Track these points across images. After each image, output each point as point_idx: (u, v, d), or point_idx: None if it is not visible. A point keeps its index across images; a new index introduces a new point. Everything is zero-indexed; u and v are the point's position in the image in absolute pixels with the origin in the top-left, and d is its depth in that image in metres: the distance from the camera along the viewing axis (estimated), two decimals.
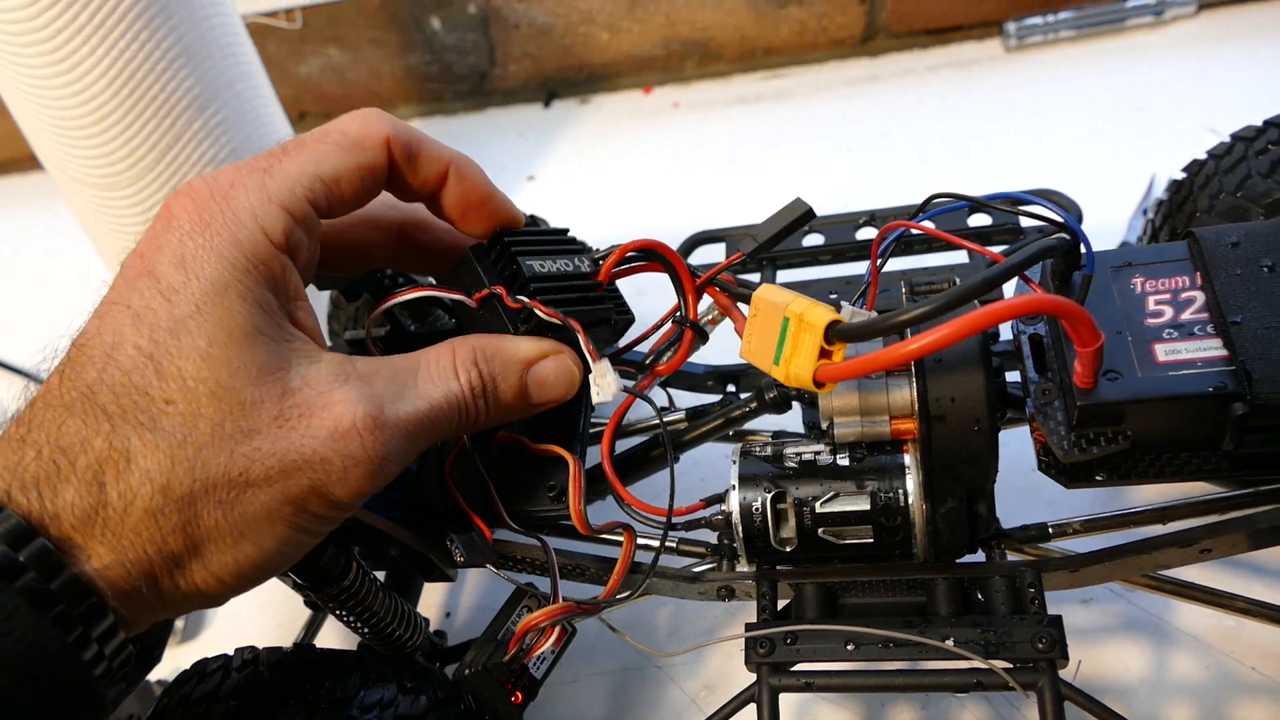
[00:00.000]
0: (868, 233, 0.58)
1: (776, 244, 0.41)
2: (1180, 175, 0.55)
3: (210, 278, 0.31)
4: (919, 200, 0.61)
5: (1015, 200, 0.49)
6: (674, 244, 0.57)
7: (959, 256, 0.55)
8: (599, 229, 0.89)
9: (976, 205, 0.41)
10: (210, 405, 0.30)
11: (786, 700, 0.43)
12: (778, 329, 0.35)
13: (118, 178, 0.69)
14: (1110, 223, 0.73)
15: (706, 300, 0.42)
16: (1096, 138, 0.84)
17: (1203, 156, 0.54)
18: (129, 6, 0.65)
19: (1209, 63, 0.88)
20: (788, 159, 0.93)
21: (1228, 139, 0.53)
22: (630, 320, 0.43)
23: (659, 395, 0.48)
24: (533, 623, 0.43)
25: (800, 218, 0.40)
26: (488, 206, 0.39)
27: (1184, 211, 0.53)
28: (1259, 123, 0.52)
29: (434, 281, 0.45)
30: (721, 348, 0.57)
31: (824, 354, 0.34)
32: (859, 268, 0.57)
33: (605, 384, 0.39)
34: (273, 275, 0.32)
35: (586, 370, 0.40)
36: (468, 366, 0.36)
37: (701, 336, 0.43)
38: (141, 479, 0.29)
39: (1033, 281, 0.38)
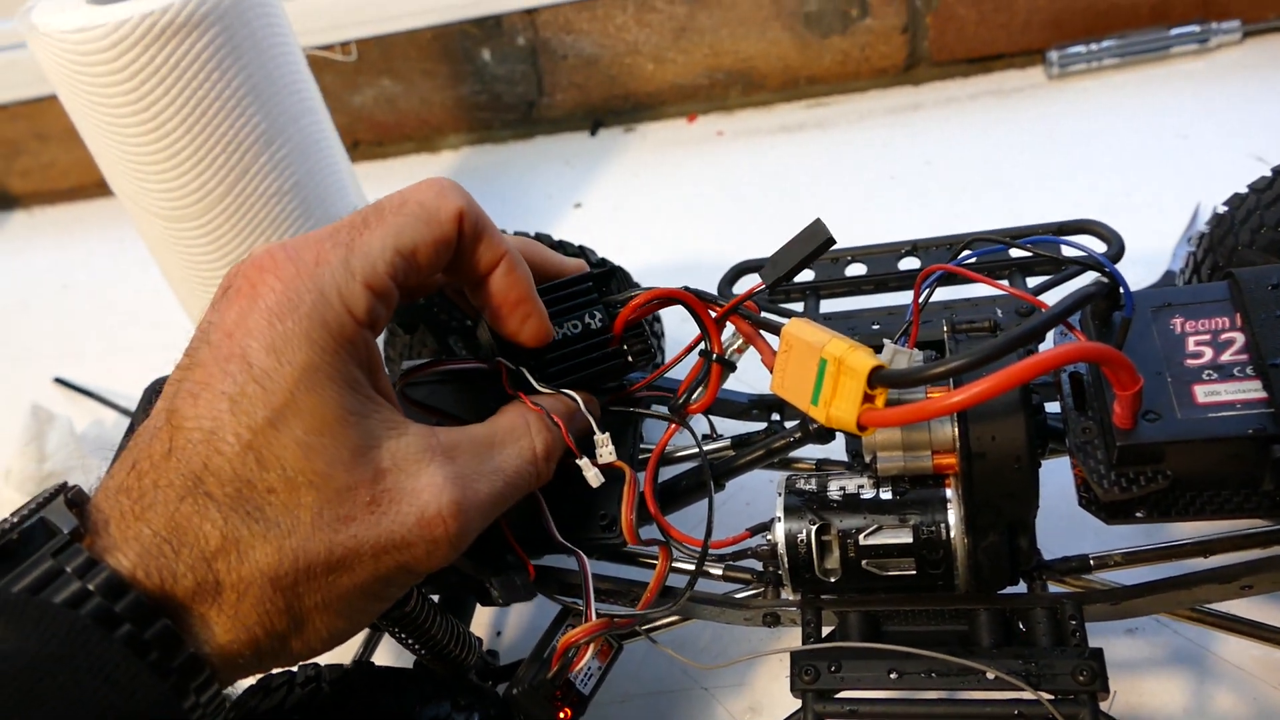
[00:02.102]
0: (910, 262, 0.59)
1: (798, 272, 0.41)
2: (1222, 208, 0.56)
3: (302, 363, 0.32)
4: (962, 228, 0.62)
5: (1053, 241, 0.50)
6: (718, 271, 0.59)
7: (1001, 283, 0.56)
8: (645, 255, 0.91)
9: (1013, 247, 0.42)
10: (309, 494, 0.32)
11: None
12: (813, 368, 0.36)
13: (188, 210, 0.72)
14: (1155, 250, 0.74)
15: (731, 328, 0.43)
16: (1141, 165, 0.84)
17: (1244, 189, 0.55)
18: (202, 48, 0.68)
19: (1255, 90, 0.88)
20: (830, 187, 0.94)
21: (1269, 172, 0.54)
22: (651, 358, 0.45)
23: (701, 423, 0.50)
24: (572, 639, 0.44)
25: (820, 245, 0.40)
26: (522, 308, 0.40)
27: (1225, 246, 0.54)
28: None
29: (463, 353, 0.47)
30: (764, 374, 0.58)
31: (866, 398, 0.35)
32: (902, 297, 0.58)
33: (605, 454, 0.43)
34: (358, 352, 0.34)
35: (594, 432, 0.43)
36: (541, 432, 0.39)
37: (729, 368, 0.44)
38: (253, 569, 0.31)
39: (1075, 329, 0.39)
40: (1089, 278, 0.42)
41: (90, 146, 0.74)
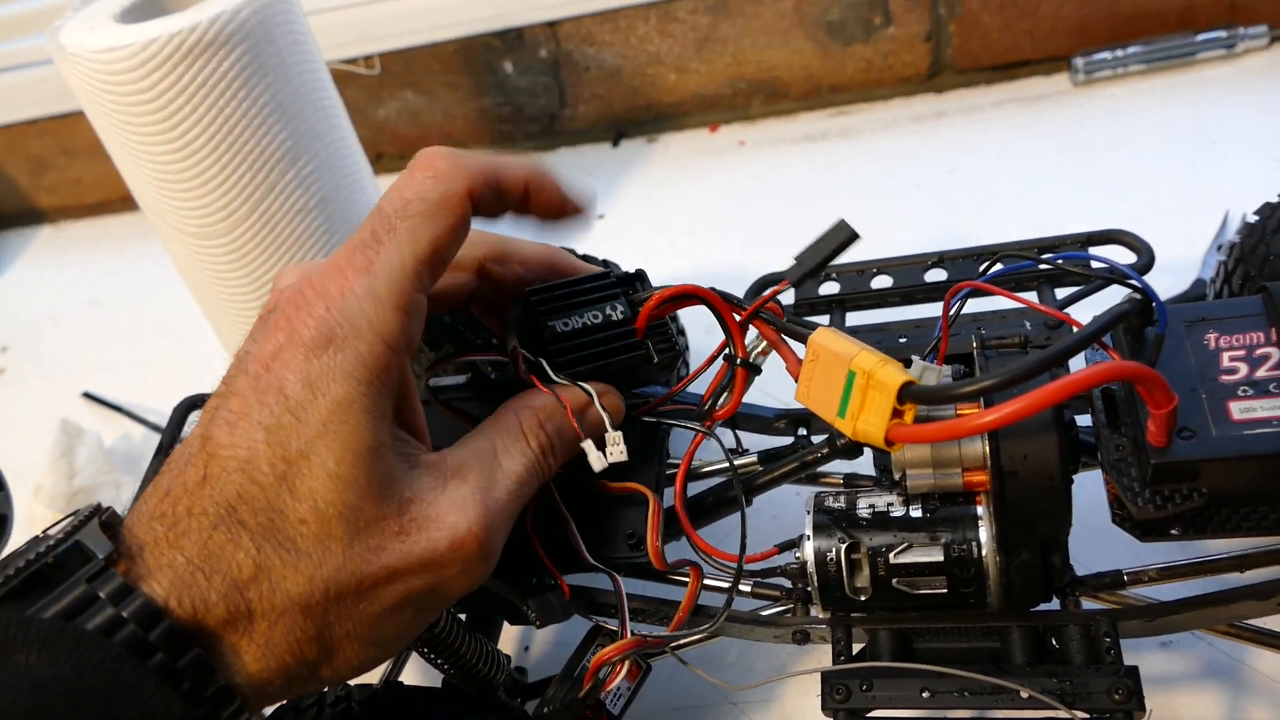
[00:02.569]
0: (937, 274, 0.59)
1: (822, 269, 0.41)
2: (1253, 218, 0.55)
3: (337, 396, 0.32)
4: (987, 238, 0.61)
5: (1081, 257, 0.49)
6: (743, 281, 0.59)
7: (1029, 296, 0.56)
8: (668, 266, 0.91)
9: (1040, 263, 0.42)
10: (340, 525, 0.32)
11: None
12: (841, 380, 0.36)
13: (215, 227, 0.73)
14: (1185, 258, 0.73)
15: (754, 331, 0.43)
16: (1169, 172, 0.84)
17: (1275, 198, 0.54)
18: (229, 67, 0.68)
19: None
20: (854, 196, 0.94)
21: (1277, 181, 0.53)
22: (676, 355, 0.44)
23: (726, 437, 0.50)
24: (604, 658, 0.44)
25: (845, 241, 0.39)
26: (567, 208, 0.40)
27: (1256, 255, 0.53)
28: None
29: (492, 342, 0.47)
30: (791, 388, 0.58)
31: (895, 413, 0.35)
32: (928, 310, 0.57)
33: (615, 452, 0.42)
34: (391, 381, 0.34)
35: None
36: (536, 431, 0.39)
37: (754, 371, 0.44)
38: (285, 598, 0.31)
39: (1109, 348, 0.38)
40: (1118, 288, 0.42)
41: (118, 164, 0.75)
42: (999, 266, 0.43)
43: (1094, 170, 0.87)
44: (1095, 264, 0.44)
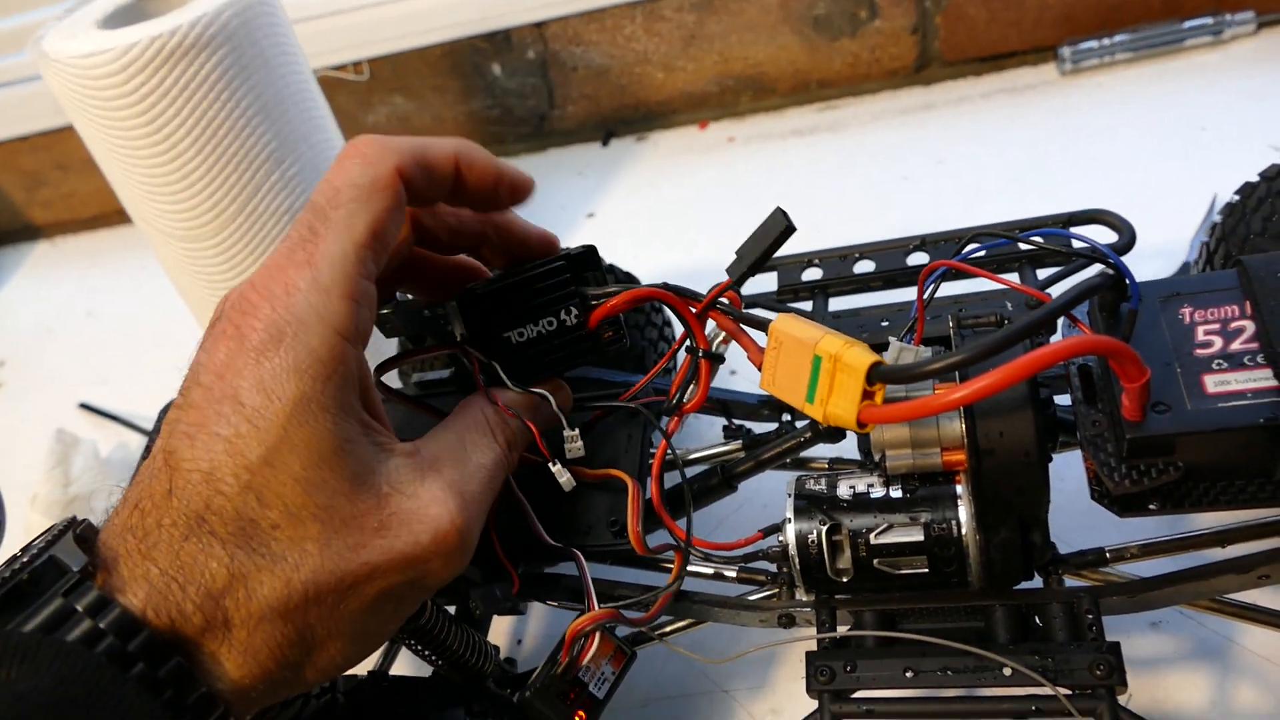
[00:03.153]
0: (919, 258, 0.59)
1: (763, 264, 0.40)
2: (1234, 198, 0.55)
3: (292, 397, 0.32)
4: (976, 225, 0.62)
5: (1060, 235, 0.49)
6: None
7: (1011, 277, 0.56)
8: (658, 263, 0.91)
9: (1016, 241, 0.42)
10: (315, 527, 0.32)
11: None
12: (807, 365, 0.35)
13: (202, 229, 0.73)
14: (1173, 241, 0.73)
15: (714, 323, 0.43)
16: (1157, 159, 0.84)
17: (1255, 178, 0.55)
18: (211, 69, 0.69)
19: (1270, 81, 0.87)
20: (843, 189, 0.94)
21: (1266, 164, 0.53)
22: (624, 347, 0.44)
23: (717, 424, 0.50)
24: (579, 627, 0.44)
25: (780, 235, 0.39)
26: (502, 183, 0.41)
27: (1237, 235, 0.53)
28: None
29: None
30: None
31: (865, 394, 0.34)
32: (911, 294, 0.57)
33: (574, 449, 0.43)
34: (349, 372, 0.33)
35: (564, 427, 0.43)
36: (501, 426, 0.39)
37: (716, 360, 0.44)
38: (261, 604, 0.31)
39: (1080, 321, 0.38)
40: (1101, 269, 0.42)
41: (105, 170, 0.75)
42: (974, 246, 0.43)
43: (1082, 159, 0.87)
44: (1072, 242, 0.44)
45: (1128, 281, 0.38)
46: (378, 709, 0.45)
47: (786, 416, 0.56)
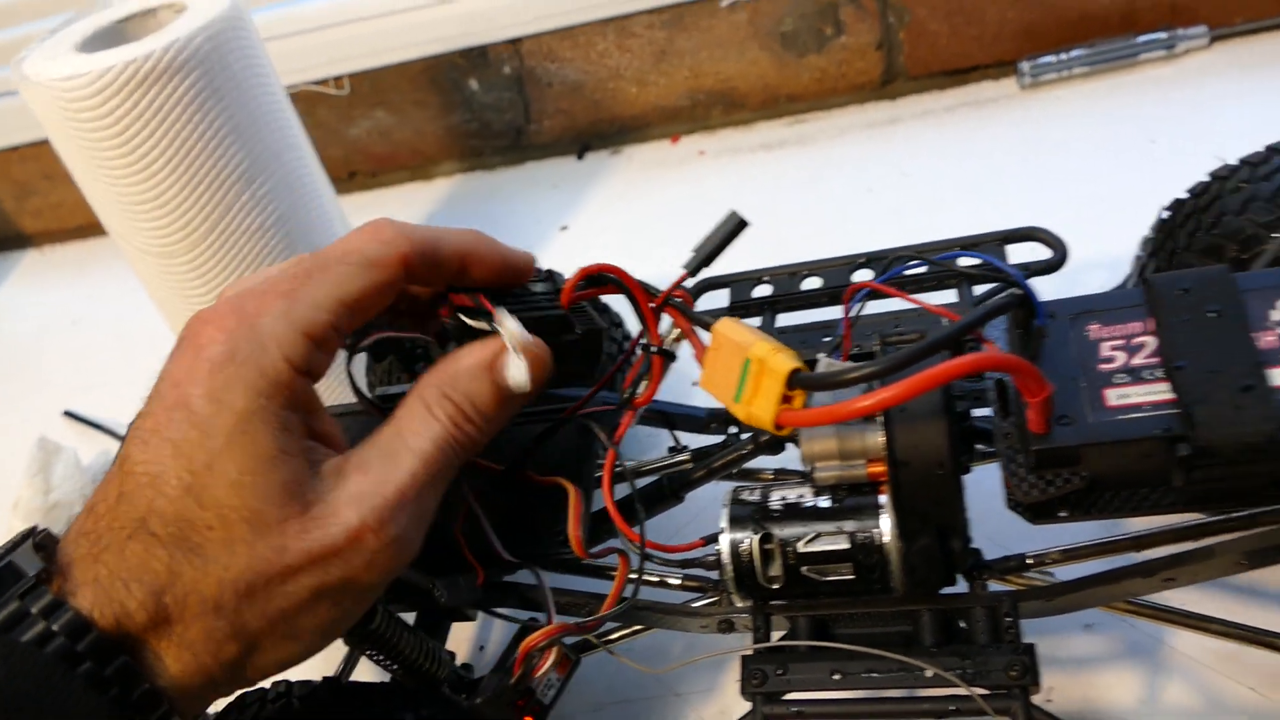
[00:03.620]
0: (864, 275, 0.61)
1: (715, 256, 0.45)
2: (1165, 214, 0.58)
3: (239, 409, 0.34)
4: (936, 237, 0.64)
5: (978, 255, 0.51)
6: (692, 290, 0.61)
7: (949, 296, 0.58)
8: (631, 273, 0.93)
9: (931, 264, 0.44)
10: (244, 529, 0.34)
11: None
12: (738, 367, 0.37)
13: (176, 246, 0.75)
14: (1120, 255, 0.75)
15: (667, 320, 0.44)
16: (1110, 171, 0.86)
17: (1184, 195, 0.57)
18: (184, 91, 0.71)
19: (1222, 93, 0.89)
20: (809, 201, 0.96)
21: (1206, 177, 0.55)
22: (598, 330, 0.47)
23: (664, 439, 0.52)
24: (532, 643, 0.46)
25: (735, 228, 0.44)
26: (506, 272, 0.43)
27: (1165, 250, 0.56)
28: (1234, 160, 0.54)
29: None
30: None
31: (785, 399, 0.36)
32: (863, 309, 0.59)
33: (517, 371, 0.41)
34: (294, 396, 0.36)
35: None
36: (440, 402, 0.39)
37: (669, 358, 0.45)
38: (197, 601, 0.33)
39: (985, 339, 0.40)
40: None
41: (83, 189, 0.77)
42: (897, 267, 0.45)
43: (1039, 170, 0.89)
44: (967, 261, 0.47)
45: (1032, 300, 0.40)
46: (331, 713, 0.46)
47: (733, 429, 0.58)
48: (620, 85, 1.09)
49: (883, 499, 0.43)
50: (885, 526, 0.42)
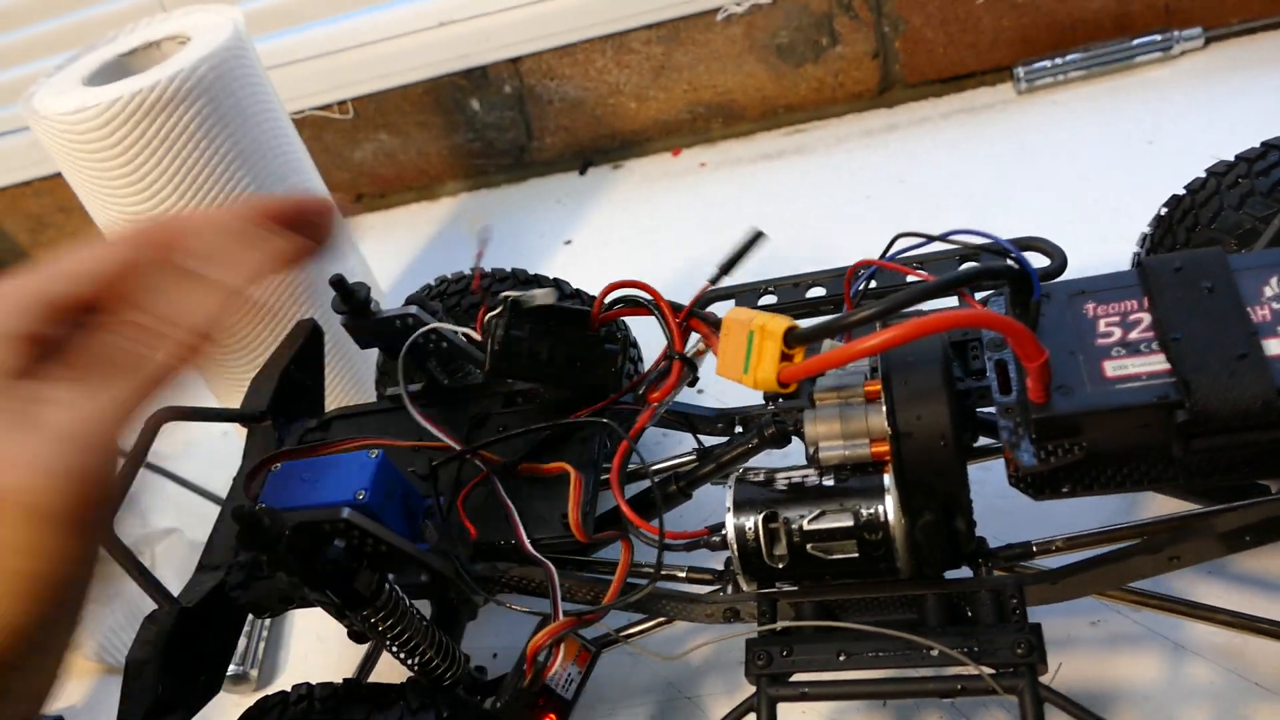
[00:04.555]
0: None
1: (735, 264, 0.51)
2: (1163, 210, 0.58)
3: None
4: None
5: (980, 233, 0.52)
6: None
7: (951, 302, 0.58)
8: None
9: (934, 239, 0.45)
10: None
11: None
12: (745, 343, 0.39)
13: None
14: (1120, 255, 0.75)
15: (695, 337, 0.47)
16: (1108, 173, 0.86)
17: (1181, 191, 0.57)
18: (190, 119, 0.72)
19: (1218, 93, 0.90)
20: (810, 210, 0.97)
21: (1202, 174, 0.56)
22: (626, 343, 0.49)
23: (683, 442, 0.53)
24: (539, 643, 0.47)
25: (752, 240, 0.51)
26: (305, 212, 0.36)
27: (1164, 245, 0.56)
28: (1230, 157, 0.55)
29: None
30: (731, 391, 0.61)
31: (784, 357, 0.38)
32: None
33: None
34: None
35: None
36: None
37: (690, 366, 0.48)
38: None
39: (971, 298, 0.41)
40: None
41: (94, 216, 0.79)
42: (901, 246, 0.46)
43: (1037, 174, 0.90)
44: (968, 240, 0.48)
45: (1029, 276, 0.40)
46: (352, 713, 0.47)
47: (739, 429, 0.58)
48: (620, 101, 1.11)
49: (887, 479, 0.43)
50: (890, 503, 0.42)
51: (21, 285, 0.33)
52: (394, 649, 0.50)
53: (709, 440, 0.59)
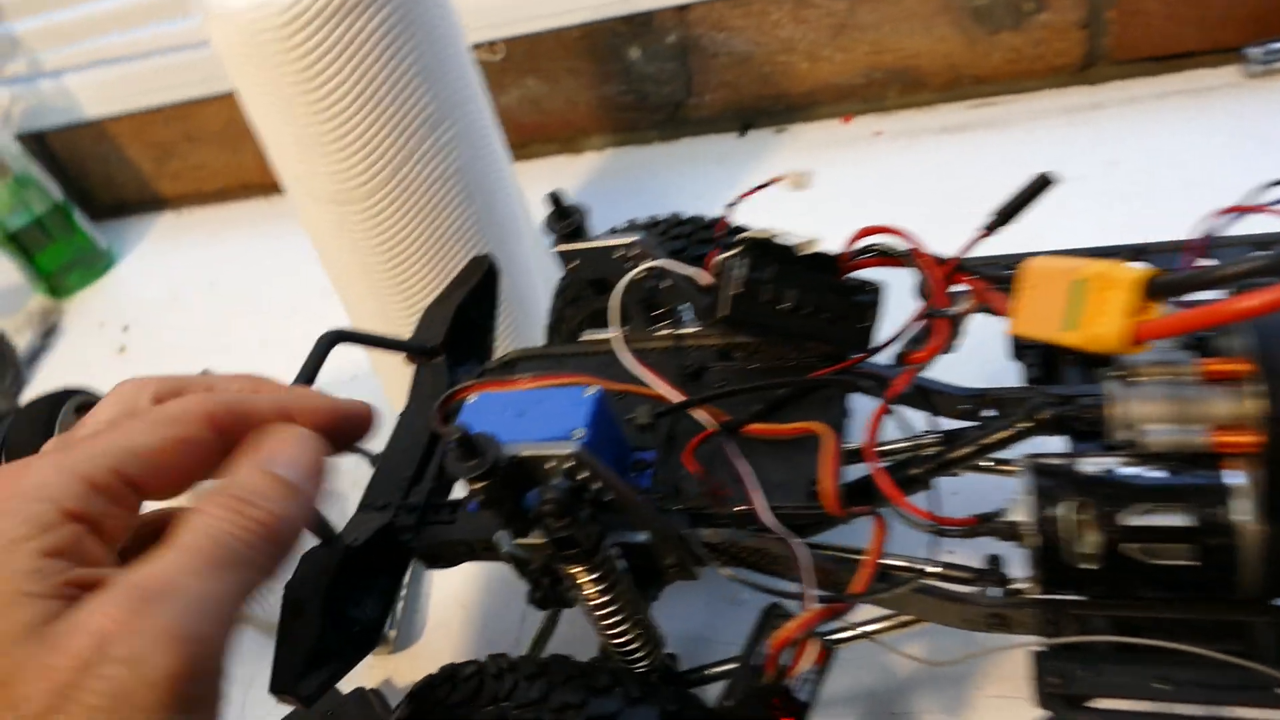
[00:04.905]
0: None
1: (1015, 212, 0.46)
2: None
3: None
4: (1155, 235, 0.58)
5: None
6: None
7: None
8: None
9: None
10: None
11: None
12: (1062, 295, 0.34)
13: (355, 192, 0.71)
14: None
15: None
16: None
17: None
18: (375, 27, 0.67)
19: None
20: (999, 189, 0.88)
21: None
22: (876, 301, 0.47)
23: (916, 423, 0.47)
24: (785, 637, 0.41)
25: (1038, 185, 0.46)
26: (337, 424, 0.40)
27: None
28: None
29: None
30: (976, 368, 0.54)
31: (1138, 309, 0.32)
32: None
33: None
34: (62, 542, 0.32)
35: None
36: (210, 498, 0.36)
37: (956, 323, 0.43)
38: None
39: None
40: None
41: (259, 129, 0.75)
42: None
43: (1272, 166, 0.81)
44: None
45: None
46: (567, 695, 0.41)
47: (994, 413, 0.51)
48: (791, 59, 1.04)
49: (1232, 476, 0.36)
50: (1242, 504, 0.35)
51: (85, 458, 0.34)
52: (599, 619, 0.44)
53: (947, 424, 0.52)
